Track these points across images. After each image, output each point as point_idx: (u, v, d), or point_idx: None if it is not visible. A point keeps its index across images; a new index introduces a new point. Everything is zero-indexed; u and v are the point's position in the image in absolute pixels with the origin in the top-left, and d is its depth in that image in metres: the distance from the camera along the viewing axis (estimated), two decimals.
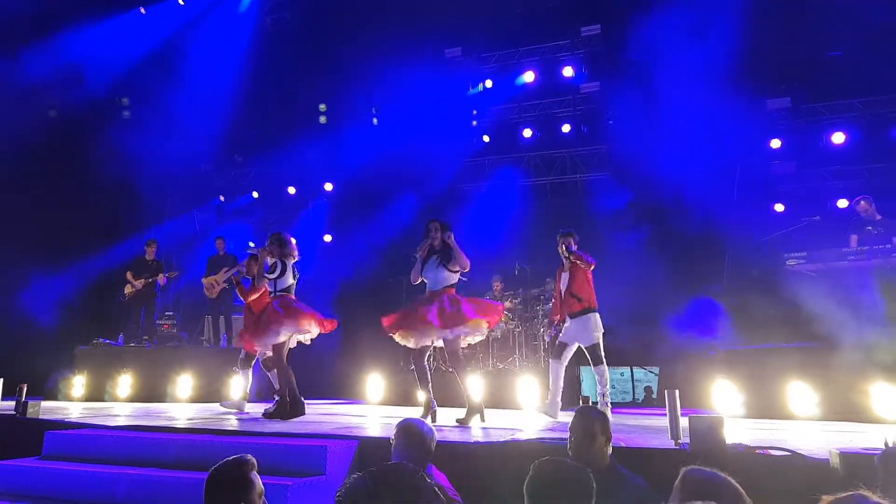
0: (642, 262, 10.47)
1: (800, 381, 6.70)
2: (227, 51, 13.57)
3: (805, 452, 3.75)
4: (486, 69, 13.22)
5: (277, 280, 6.66)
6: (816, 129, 11.38)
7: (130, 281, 10.46)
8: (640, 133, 10.88)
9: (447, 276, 6.08)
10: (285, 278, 6.67)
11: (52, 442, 4.82)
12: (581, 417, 3.29)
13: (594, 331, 6.48)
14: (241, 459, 2.64)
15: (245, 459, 2.64)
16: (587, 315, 6.50)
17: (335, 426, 5.53)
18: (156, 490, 3.94)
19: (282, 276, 6.66)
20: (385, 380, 9.29)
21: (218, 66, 13.85)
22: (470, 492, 3.81)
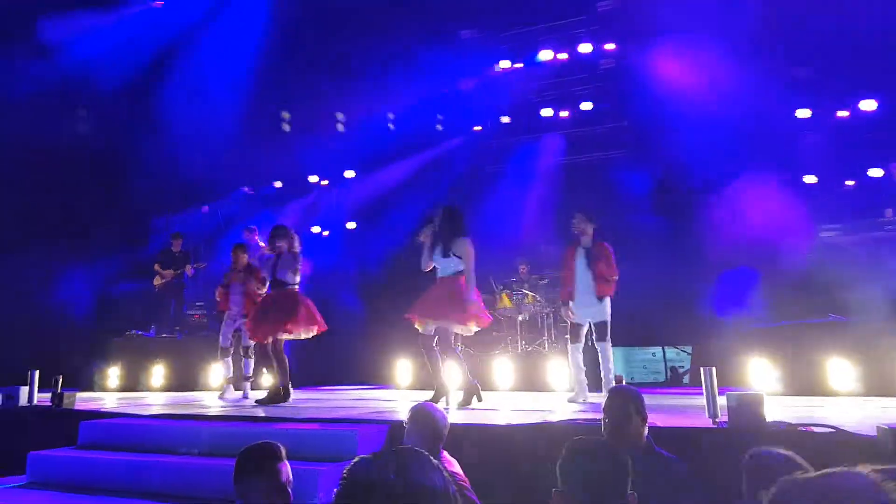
0: (670, 240, 10.32)
1: (838, 357, 6.53)
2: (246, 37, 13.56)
3: (850, 429, 3.63)
4: (503, 49, 13.04)
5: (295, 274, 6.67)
6: (847, 97, 11.02)
7: (159, 272, 10.57)
8: (663, 108, 10.64)
9: (454, 263, 5.97)
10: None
11: (87, 431, 4.88)
12: (616, 397, 3.21)
13: (609, 308, 6.47)
14: (266, 445, 2.65)
15: (271, 444, 2.65)
16: (607, 298, 6.46)
17: (366, 411, 5.52)
18: (190, 477, 3.96)
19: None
20: (414, 364, 9.28)
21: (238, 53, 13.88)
22: (501, 475, 3.77)
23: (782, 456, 2.42)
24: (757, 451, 2.53)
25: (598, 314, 6.46)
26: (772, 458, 2.43)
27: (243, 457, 2.64)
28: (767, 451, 2.48)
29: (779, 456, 2.43)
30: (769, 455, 2.45)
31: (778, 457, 2.42)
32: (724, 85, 9.99)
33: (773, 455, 2.43)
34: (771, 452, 2.48)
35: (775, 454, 2.45)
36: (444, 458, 3.32)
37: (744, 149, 10.16)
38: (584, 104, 12.65)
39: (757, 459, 2.47)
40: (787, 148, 10.96)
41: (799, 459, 2.36)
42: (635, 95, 11.63)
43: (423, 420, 3.31)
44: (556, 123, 13.07)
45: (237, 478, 2.59)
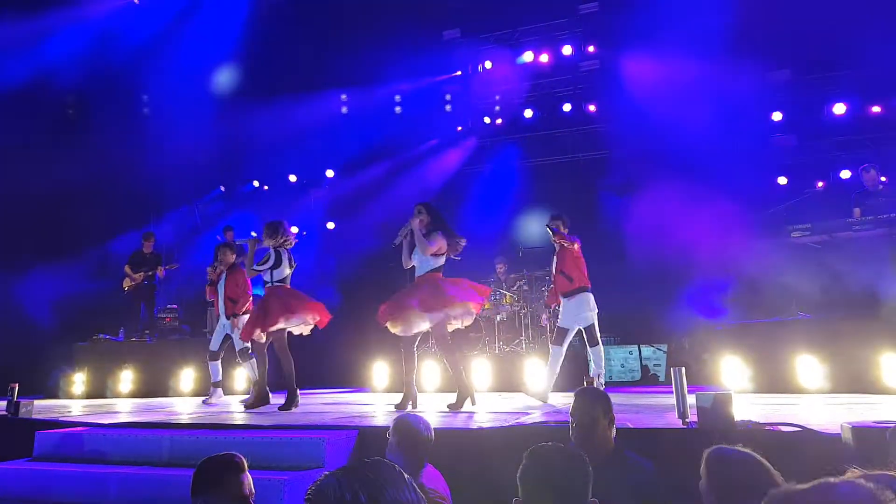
0: (647, 239, 10.36)
1: (808, 355, 6.60)
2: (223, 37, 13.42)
3: (816, 427, 3.65)
4: (485, 50, 13.03)
5: (273, 270, 6.54)
6: (818, 100, 11.20)
7: (129, 274, 10.36)
8: (642, 110, 10.71)
9: (430, 260, 5.96)
10: (281, 269, 6.54)
11: (42, 442, 4.74)
12: (582, 400, 3.19)
13: (588, 311, 6.44)
14: (226, 456, 2.56)
15: (231, 456, 2.56)
16: (580, 294, 6.46)
17: (336, 416, 5.46)
18: (149, 488, 3.86)
19: (277, 266, 6.53)
20: (390, 367, 9.22)
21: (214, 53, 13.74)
22: (474, 478, 3.74)
23: (741, 454, 2.41)
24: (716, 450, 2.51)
25: (582, 318, 6.45)
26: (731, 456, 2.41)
27: (202, 469, 2.54)
28: (728, 450, 2.47)
29: (737, 454, 2.41)
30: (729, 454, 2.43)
31: (735, 455, 2.41)
32: (702, 87, 10.07)
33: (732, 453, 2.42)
34: (730, 451, 2.47)
35: (734, 452, 2.43)
36: (428, 472, 3.24)
37: (720, 149, 10.26)
38: (565, 105, 12.69)
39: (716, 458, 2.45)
40: (761, 149, 11.10)
41: (758, 457, 2.35)
42: (616, 97, 11.69)
43: (405, 432, 3.24)
44: (537, 124, 13.10)
45: (194, 490, 2.49)
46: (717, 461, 2.39)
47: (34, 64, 11.09)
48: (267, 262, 6.50)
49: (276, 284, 6.52)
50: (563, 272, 6.51)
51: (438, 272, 5.99)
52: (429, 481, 3.14)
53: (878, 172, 7.86)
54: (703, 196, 9.66)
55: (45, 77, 11.13)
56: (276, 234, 6.58)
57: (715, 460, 2.40)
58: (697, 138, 10.02)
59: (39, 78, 11.03)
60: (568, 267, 6.50)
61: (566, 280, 6.48)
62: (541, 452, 2.17)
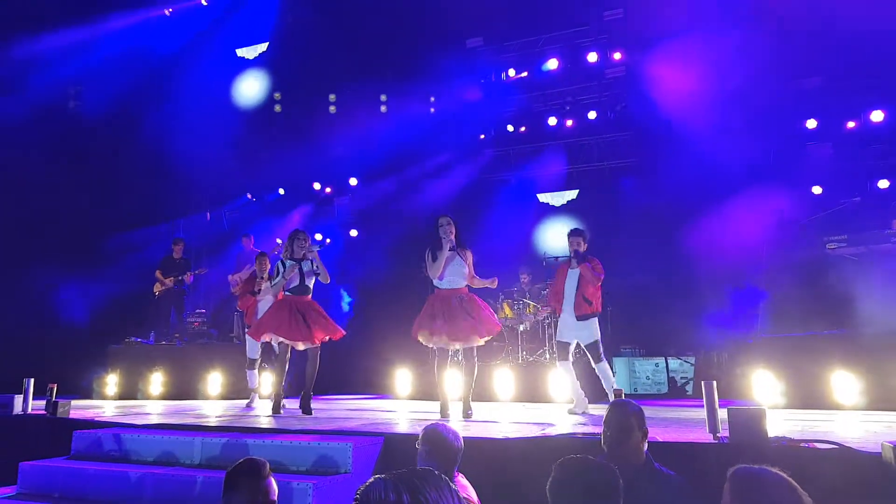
0: (675, 250, 10.24)
1: (843, 370, 6.44)
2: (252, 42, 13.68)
3: (854, 445, 3.54)
4: (509, 58, 13.00)
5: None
6: (854, 107, 10.95)
7: (160, 279, 10.54)
8: (669, 117, 10.60)
9: (462, 272, 6.04)
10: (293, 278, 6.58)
11: (80, 441, 4.83)
12: (617, 411, 3.14)
13: (594, 329, 6.48)
14: (250, 463, 2.63)
15: (254, 462, 2.63)
16: (592, 319, 6.48)
17: (361, 422, 5.45)
18: (182, 490, 3.90)
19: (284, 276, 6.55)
20: (413, 374, 9.20)
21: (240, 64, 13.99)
22: (500, 490, 3.70)
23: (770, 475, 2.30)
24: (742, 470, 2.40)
25: (584, 335, 6.47)
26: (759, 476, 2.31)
27: (230, 474, 2.65)
28: (756, 470, 2.37)
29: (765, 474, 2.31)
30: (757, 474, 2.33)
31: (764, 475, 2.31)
32: (731, 94, 9.94)
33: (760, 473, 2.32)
34: (758, 470, 2.37)
35: (763, 472, 2.33)
36: (458, 481, 3.22)
37: (751, 158, 10.11)
38: (590, 113, 12.60)
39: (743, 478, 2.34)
40: (795, 158, 10.90)
41: (788, 478, 2.25)
42: (642, 105, 11.59)
43: (435, 442, 3.22)
44: (561, 132, 13.03)
45: (224, 495, 2.58)
46: (743, 482, 2.29)
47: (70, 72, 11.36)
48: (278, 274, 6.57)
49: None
50: (585, 297, 6.47)
51: (465, 287, 6.08)
52: (461, 489, 3.11)
53: None
54: (734, 206, 9.53)
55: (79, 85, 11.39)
56: (290, 242, 6.63)
57: (741, 480, 2.29)
58: (727, 146, 9.89)
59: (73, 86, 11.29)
60: (590, 293, 6.49)
61: (585, 303, 6.47)
62: (571, 465, 2.12)
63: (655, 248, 10.71)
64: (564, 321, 6.59)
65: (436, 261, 5.99)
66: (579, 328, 6.46)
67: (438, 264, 5.98)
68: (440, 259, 5.96)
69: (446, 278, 6.02)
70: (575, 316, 6.46)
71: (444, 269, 5.99)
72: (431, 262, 6.02)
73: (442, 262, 5.96)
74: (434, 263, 6.00)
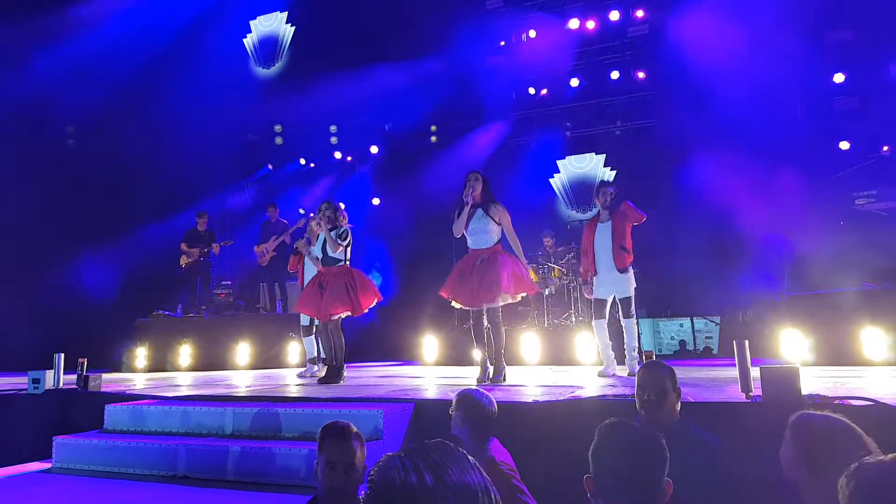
0: (699, 209, 10.12)
1: (872, 326, 6.36)
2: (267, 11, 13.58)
3: (889, 401, 3.51)
4: (530, 18, 12.76)
5: (347, 248, 6.56)
6: (883, 60, 10.63)
7: (185, 251, 10.63)
8: (694, 75, 10.36)
9: (496, 233, 5.82)
10: (350, 247, 6.60)
11: (112, 415, 4.89)
12: (651, 373, 3.12)
13: (633, 282, 6.30)
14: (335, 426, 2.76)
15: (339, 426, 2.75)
16: (630, 270, 6.32)
17: (391, 389, 5.50)
18: (215, 459, 3.96)
19: (350, 244, 6.58)
20: (439, 340, 9.25)
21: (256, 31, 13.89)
22: (534, 454, 3.72)
23: (833, 420, 2.31)
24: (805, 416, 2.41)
25: (622, 289, 6.31)
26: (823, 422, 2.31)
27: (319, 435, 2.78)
28: (818, 416, 2.37)
29: (829, 420, 2.32)
30: (821, 419, 2.33)
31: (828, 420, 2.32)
32: (757, 49, 9.68)
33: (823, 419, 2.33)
34: (820, 416, 2.37)
35: (825, 418, 2.34)
36: (494, 445, 3.22)
37: (778, 114, 9.88)
38: (613, 73, 12.39)
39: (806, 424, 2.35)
40: (822, 113, 10.65)
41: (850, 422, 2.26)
42: (665, 63, 11.33)
43: (469, 407, 3.20)
44: (584, 93, 12.82)
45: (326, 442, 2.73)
46: (806, 428, 2.30)
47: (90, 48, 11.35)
48: (346, 239, 6.50)
49: (348, 263, 6.58)
50: (623, 246, 6.31)
51: (499, 245, 5.85)
52: (498, 454, 3.13)
53: None
54: (760, 163, 9.36)
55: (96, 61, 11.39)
56: (337, 211, 6.59)
57: (804, 427, 2.30)
58: (753, 103, 9.67)
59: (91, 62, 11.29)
60: (628, 241, 6.35)
61: (624, 253, 6.28)
62: (616, 431, 2.08)
63: (680, 208, 10.59)
64: (602, 279, 6.38)
65: (458, 218, 5.85)
66: (618, 282, 6.28)
67: (458, 222, 5.82)
68: (460, 217, 5.81)
69: (471, 237, 5.86)
70: (616, 269, 6.26)
71: (466, 226, 5.83)
72: (456, 219, 5.90)
73: (462, 220, 5.79)
74: (456, 221, 5.86)
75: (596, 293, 6.47)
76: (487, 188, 5.90)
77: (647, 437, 2.04)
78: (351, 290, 6.34)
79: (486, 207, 5.82)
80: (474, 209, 5.84)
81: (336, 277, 6.40)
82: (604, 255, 6.37)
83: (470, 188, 5.82)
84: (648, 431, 2.08)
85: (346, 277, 6.41)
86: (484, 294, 5.60)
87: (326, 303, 6.30)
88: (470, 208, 5.81)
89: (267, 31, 13.98)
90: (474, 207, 5.84)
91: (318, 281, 6.53)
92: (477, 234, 5.81)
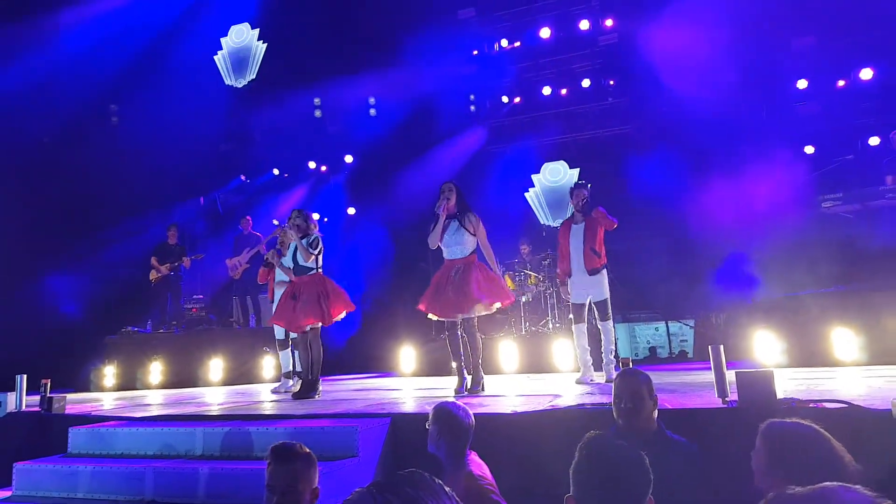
0: (671, 214, 10.22)
1: (842, 327, 6.46)
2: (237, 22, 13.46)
3: (862, 403, 3.53)
4: (501, 28, 12.87)
5: (318, 256, 6.48)
6: (844, 66, 10.90)
7: (155, 266, 10.43)
8: (662, 82, 10.50)
9: (471, 244, 5.82)
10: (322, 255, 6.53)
11: (77, 438, 4.71)
12: (627, 381, 3.10)
13: (606, 284, 6.35)
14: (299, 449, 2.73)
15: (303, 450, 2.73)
16: (602, 272, 6.35)
17: (367, 403, 5.43)
18: (185, 482, 3.83)
19: (321, 252, 6.50)
20: (417, 350, 9.19)
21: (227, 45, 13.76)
22: (512, 466, 3.68)
23: (804, 427, 2.31)
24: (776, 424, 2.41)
25: (597, 292, 6.35)
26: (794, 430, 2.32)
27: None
28: (789, 424, 2.37)
29: (800, 427, 2.32)
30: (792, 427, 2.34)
31: (798, 428, 2.32)
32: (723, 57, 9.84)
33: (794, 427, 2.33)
34: (791, 424, 2.38)
35: (796, 425, 2.34)
36: (472, 460, 3.18)
37: (746, 120, 10.06)
38: (584, 81, 12.54)
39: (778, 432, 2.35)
40: (787, 119, 10.86)
41: (821, 430, 2.27)
42: (635, 71, 11.48)
43: (446, 421, 3.16)
44: (556, 101, 12.94)
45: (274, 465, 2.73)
46: (776, 436, 2.30)
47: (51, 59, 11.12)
48: (316, 248, 6.42)
49: (320, 272, 6.49)
50: (594, 249, 6.35)
51: (473, 256, 5.85)
52: (476, 468, 3.08)
53: None
54: (729, 168, 9.50)
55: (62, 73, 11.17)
56: (308, 219, 6.54)
57: (774, 435, 2.30)
58: (721, 109, 9.83)
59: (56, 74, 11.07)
60: (598, 243, 6.37)
61: (594, 255, 6.32)
62: (598, 450, 2.03)
63: (652, 213, 10.69)
64: (576, 282, 6.43)
65: (433, 230, 5.86)
66: (592, 284, 6.31)
67: (433, 234, 5.85)
68: (434, 229, 5.83)
69: (446, 248, 5.87)
70: (586, 271, 6.32)
71: (440, 238, 5.84)
72: (431, 231, 5.90)
73: (437, 232, 5.82)
74: (431, 233, 5.88)
75: (573, 297, 6.50)
76: (462, 198, 5.94)
77: (631, 457, 1.99)
78: (323, 298, 6.27)
79: (460, 219, 5.85)
80: (449, 220, 5.86)
81: (308, 286, 6.34)
82: (577, 257, 6.42)
83: (444, 199, 5.85)
84: (631, 450, 2.04)
85: (319, 286, 6.34)
86: (458, 305, 5.61)
87: (298, 314, 6.24)
88: (445, 220, 5.82)
89: (238, 48, 13.85)
90: (449, 219, 5.86)
91: (290, 291, 6.46)
92: (452, 245, 5.83)
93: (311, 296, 6.25)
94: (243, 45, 13.79)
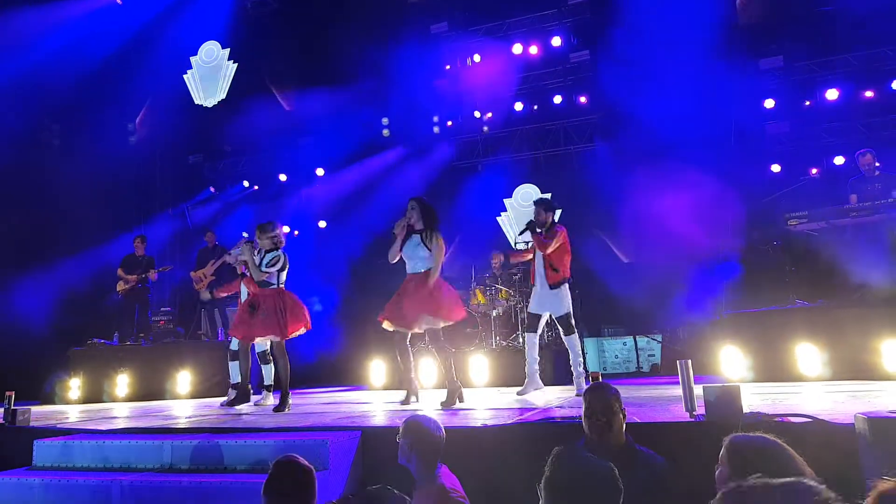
0: (640, 230, 10.37)
1: (807, 342, 6.58)
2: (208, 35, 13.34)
3: (826, 417, 3.61)
4: (474, 43, 12.93)
5: (280, 272, 6.46)
6: (810, 86, 11.20)
7: (123, 277, 10.26)
8: (633, 100, 10.67)
9: (428, 258, 5.89)
10: (285, 271, 6.49)
11: (42, 451, 4.62)
12: (599, 396, 3.13)
13: (566, 299, 6.40)
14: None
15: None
16: (563, 286, 6.41)
17: (337, 416, 5.39)
18: (151, 496, 3.77)
19: (284, 268, 6.47)
20: (387, 364, 9.13)
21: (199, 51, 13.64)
22: (482, 479, 3.68)
23: (767, 441, 2.35)
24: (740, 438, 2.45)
25: (557, 307, 6.40)
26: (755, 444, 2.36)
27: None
28: (752, 438, 2.41)
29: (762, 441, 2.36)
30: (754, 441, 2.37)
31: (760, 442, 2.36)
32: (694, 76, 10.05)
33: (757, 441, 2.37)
34: (754, 438, 2.42)
35: (759, 439, 2.38)
36: (443, 472, 3.17)
37: (713, 139, 10.27)
38: (556, 98, 12.67)
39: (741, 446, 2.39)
40: (754, 138, 11.11)
41: (783, 444, 2.31)
42: (606, 88, 11.62)
43: (416, 434, 3.15)
44: (528, 117, 13.06)
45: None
46: (738, 450, 2.33)
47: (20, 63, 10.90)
48: (277, 264, 6.41)
49: (282, 287, 6.46)
50: (552, 265, 6.41)
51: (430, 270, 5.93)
52: (448, 481, 3.07)
53: (875, 157, 7.83)
54: (697, 186, 9.65)
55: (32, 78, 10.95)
56: (275, 233, 6.51)
57: (736, 449, 2.34)
58: (690, 128, 10.00)
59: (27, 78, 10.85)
60: (556, 257, 6.43)
61: (552, 271, 6.39)
62: (568, 464, 2.04)
63: (621, 228, 10.83)
64: (537, 293, 6.52)
65: (392, 245, 6.01)
66: (551, 299, 6.38)
67: (392, 249, 6.00)
68: (394, 245, 5.99)
69: (408, 262, 5.99)
70: (548, 285, 6.40)
71: (400, 252, 5.96)
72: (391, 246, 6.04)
73: (395, 248, 5.97)
74: (391, 248, 6.02)
75: (530, 306, 6.62)
76: (428, 214, 6.00)
77: (601, 471, 2.01)
78: (280, 313, 6.26)
79: (422, 234, 5.93)
80: (411, 235, 5.95)
81: (268, 300, 6.34)
82: (539, 271, 6.51)
83: (407, 216, 5.95)
84: (601, 463, 2.06)
85: (278, 301, 6.34)
86: (406, 314, 5.76)
87: (256, 325, 6.26)
88: (407, 234, 5.94)
89: (208, 68, 13.75)
90: (411, 234, 5.95)
91: (250, 302, 6.44)
92: (412, 259, 5.95)
93: (269, 309, 6.27)
94: (213, 65, 13.70)
